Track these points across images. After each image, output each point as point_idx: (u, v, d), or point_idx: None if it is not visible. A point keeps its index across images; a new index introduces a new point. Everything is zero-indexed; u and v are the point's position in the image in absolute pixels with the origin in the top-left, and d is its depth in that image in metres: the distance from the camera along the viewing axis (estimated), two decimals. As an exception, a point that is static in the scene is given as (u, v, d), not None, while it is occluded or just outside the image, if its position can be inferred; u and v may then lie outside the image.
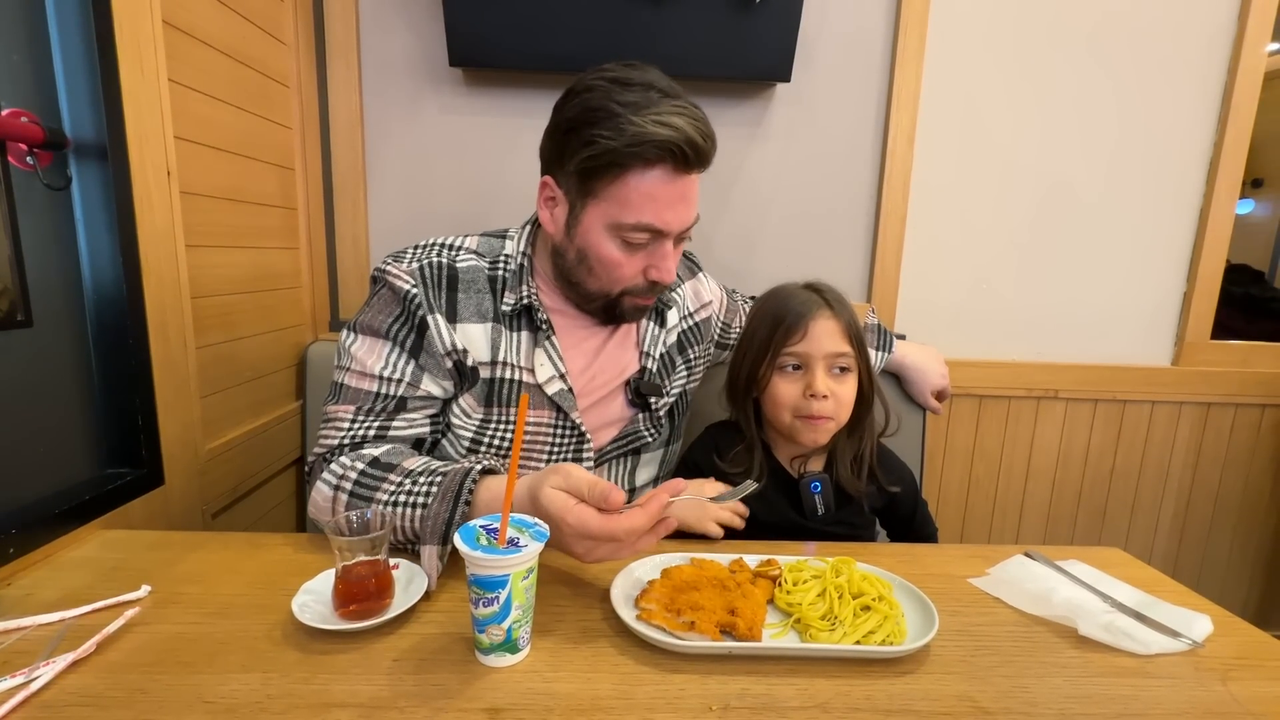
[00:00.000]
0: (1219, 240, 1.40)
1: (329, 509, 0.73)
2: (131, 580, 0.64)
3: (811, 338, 0.84)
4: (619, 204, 0.76)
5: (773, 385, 0.86)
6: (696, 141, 0.73)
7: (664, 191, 0.75)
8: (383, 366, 0.80)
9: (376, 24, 1.26)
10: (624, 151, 0.72)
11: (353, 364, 0.81)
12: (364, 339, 0.81)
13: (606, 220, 0.77)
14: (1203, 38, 1.33)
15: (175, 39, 0.90)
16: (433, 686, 0.51)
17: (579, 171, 0.76)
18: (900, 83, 1.31)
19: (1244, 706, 0.52)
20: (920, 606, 0.62)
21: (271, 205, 1.18)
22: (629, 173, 0.74)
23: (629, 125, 0.71)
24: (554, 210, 0.81)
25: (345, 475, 0.73)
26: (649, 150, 0.72)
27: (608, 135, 0.72)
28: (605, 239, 0.78)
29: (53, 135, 0.74)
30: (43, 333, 0.75)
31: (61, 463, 0.79)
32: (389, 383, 0.80)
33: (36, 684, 0.49)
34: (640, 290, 0.83)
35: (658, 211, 0.76)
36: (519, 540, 0.54)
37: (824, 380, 0.83)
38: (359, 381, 0.80)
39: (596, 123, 0.73)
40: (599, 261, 0.80)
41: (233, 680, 0.51)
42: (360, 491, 0.72)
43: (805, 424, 0.84)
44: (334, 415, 0.80)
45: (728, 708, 0.50)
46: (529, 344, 0.84)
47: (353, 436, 0.78)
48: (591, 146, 0.73)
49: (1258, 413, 1.48)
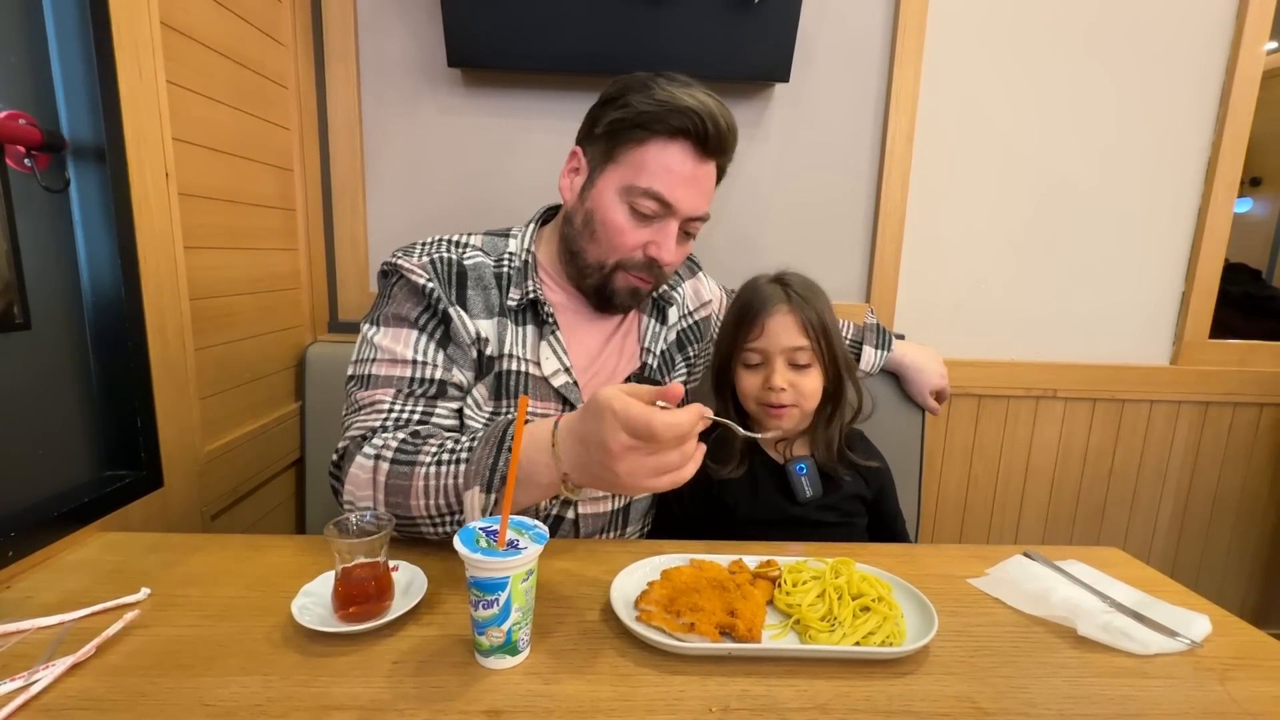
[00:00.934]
0: (1217, 239, 1.40)
1: (369, 480, 0.69)
2: (131, 583, 0.64)
3: (769, 334, 0.88)
4: (635, 168, 0.80)
5: (739, 377, 0.91)
6: (719, 122, 0.79)
7: (680, 167, 0.80)
8: (415, 353, 0.79)
9: (375, 25, 1.26)
10: (651, 114, 0.78)
11: (378, 354, 0.79)
12: (389, 329, 0.80)
13: (620, 183, 0.81)
14: (1201, 37, 1.34)
15: (173, 40, 0.90)
16: (433, 689, 0.51)
17: (606, 134, 0.81)
18: (899, 83, 1.31)
19: (1242, 706, 0.52)
20: (919, 607, 0.62)
21: (270, 206, 1.18)
22: (651, 141, 0.79)
23: (660, 92, 0.78)
24: (574, 179, 0.86)
25: (386, 445, 0.71)
26: (674, 117, 0.77)
27: (639, 99, 0.79)
28: (615, 202, 0.81)
29: (51, 137, 0.74)
30: (41, 335, 0.75)
31: (60, 465, 0.79)
32: (424, 366, 0.78)
33: (36, 687, 0.49)
34: (635, 265, 0.84)
35: (670, 185, 0.79)
36: (518, 542, 0.54)
37: (782, 374, 0.87)
38: (389, 369, 0.78)
39: (631, 90, 0.80)
40: (603, 224, 0.82)
41: (232, 683, 0.51)
42: (401, 457, 0.69)
43: (766, 412, 0.89)
44: (370, 400, 0.77)
45: (727, 709, 0.50)
46: (535, 337, 0.85)
47: (395, 420, 0.75)
48: (624, 109, 0.79)
49: (1256, 412, 1.48)
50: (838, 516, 0.92)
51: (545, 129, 1.30)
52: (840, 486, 0.93)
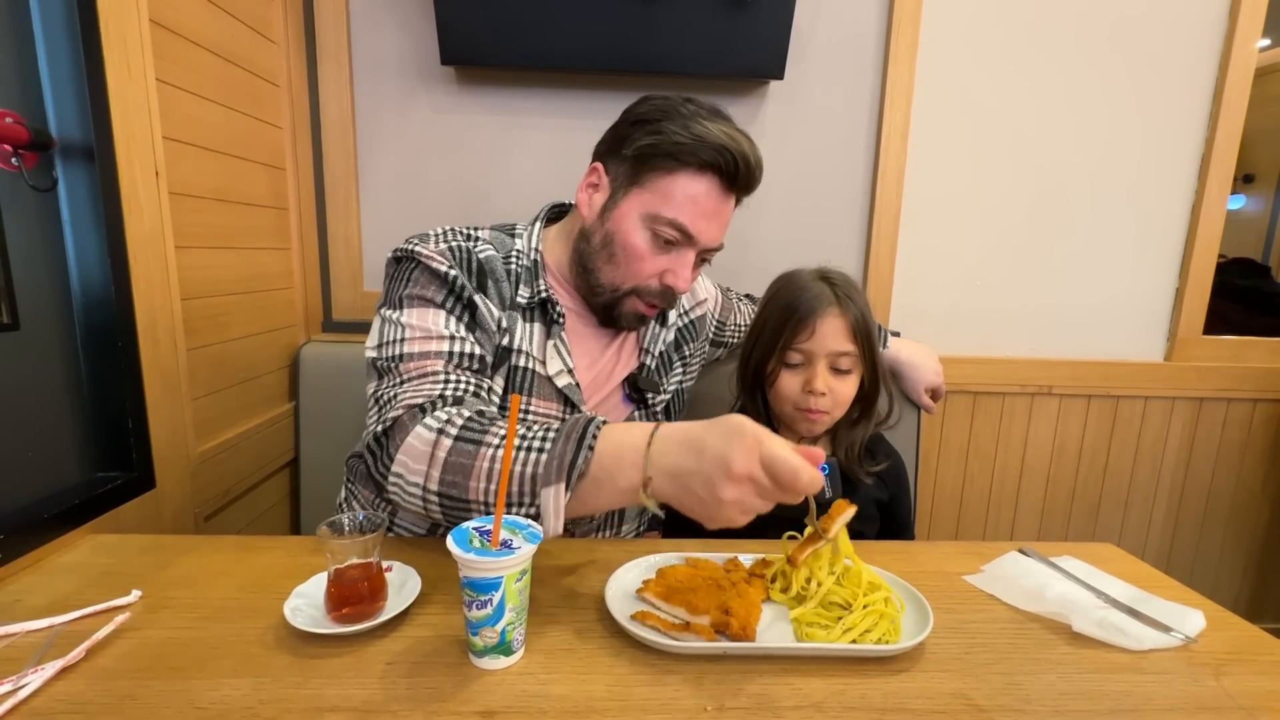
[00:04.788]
0: (1211, 236, 1.40)
1: (427, 454, 0.65)
2: (122, 585, 0.64)
3: (819, 336, 0.86)
4: (662, 197, 0.80)
5: (778, 376, 0.89)
6: (749, 160, 0.80)
7: (706, 201, 0.80)
8: (448, 329, 0.76)
9: (367, 22, 1.25)
10: (685, 146, 0.77)
11: (409, 332, 0.75)
12: (416, 309, 0.76)
13: (645, 209, 0.80)
14: (1194, 34, 1.34)
15: (163, 38, 0.89)
16: (426, 690, 0.51)
17: (635, 157, 0.80)
18: (893, 80, 1.31)
19: (1237, 701, 0.53)
20: (915, 604, 0.62)
21: (263, 205, 1.17)
22: (680, 173, 0.79)
23: (696, 126, 0.78)
24: (593, 195, 0.84)
25: (451, 420, 0.66)
26: (707, 152, 0.77)
27: (674, 129, 0.78)
28: (638, 228, 0.81)
29: (38, 136, 0.73)
30: (30, 335, 0.75)
31: (51, 466, 0.79)
32: (461, 341, 0.76)
33: (24, 691, 0.49)
34: (650, 293, 0.84)
35: (695, 217, 0.80)
36: (512, 542, 0.53)
37: (824, 378, 0.85)
38: (426, 344, 0.74)
39: (667, 118, 0.79)
40: (623, 248, 0.81)
41: (224, 685, 0.51)
42: (468, 435, 0.65)
43: (801, 415, 0.87)
44: (421, 371, 0.72)
45: (722, 708, 0.50)
46: (542, 336, 0.85)
47: (454, 391, 0.71)
48: (657, 135, 0.78)
49: (1249, 407, 1.48)
50: (854, 523, 0.90)
51: (539, 127, 1.30)
52: (859, 490, 0.91)
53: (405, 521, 0.88)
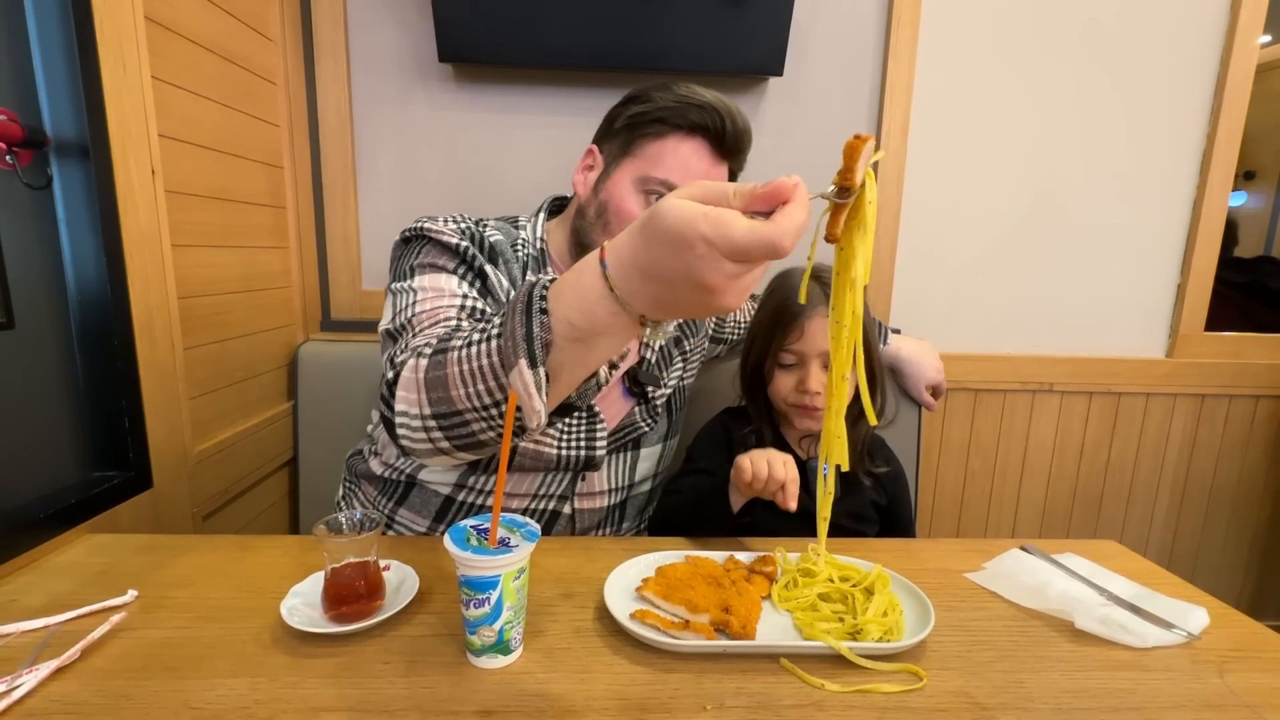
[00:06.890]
0: (1212, 232, 1.40)
1: (413, 380, 0.60)
2: (118, 585, 0.63)
3: (809, 336, 0.86)
4: (652, 160, 0.81)
5: (774, 377, 0.90)
6: (736, 121, 0.82)
7: (696, 163, 0.81)
8: (461, 289, 0.75)
9: (365, 19, 1.24)
10: (671, 108, 0.80)
11: (420, 295, 0.73)
12: (426, 275, 0.75)
13: (636, 174, 0.82)
14: (1195, 30, 1.33)
15: (158, 35, 0.88)
16: (424, 689, 0.51)
17: (625, 128, 0.83)
18: (893, 76, 1.30)
19: (1240, 698, 0.52)
20: (916, 602, 0.62)
21: (260, 204, 1.17)
22: (669, 136, 0.81)
23: (680, 89, 0.82)
24: (588, 175, 0.87)
25: (427, 342, 0.63)
26: (693, 111, 0.80)
27: (662, 96, 0.82)
28: (630, 193, 0.82)
29: (32, 133, 0.73)
30: (25, 334, 0.74)
31: (47, 466, 0.78)
32: (475, 299, 0.75)
33: (19, 692, 0.49)
34: None
35: (685, 178, 0.80)
36: (510, 540, 0.53)
37: (817, 376, 0.86)
38: (438, 300, 0.72)
39: (651, 89, 0.83)
40: (616, 214, 0.82)
41: (220, 685, 0.50)
42: (439, 346, 0.60)
43: (799, 412, 0.88)
44: (433, 319, 0.70)
45: (722, 707, 0.49)
46: None
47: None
48: (646, 104, 0.82)
49: (1251, 404, 1.48)
50: (853, 524, 0.90)
51: (537, 124, 1.29)
52: (859, 491, 0.91)
53: (405, 520, 0.88)
